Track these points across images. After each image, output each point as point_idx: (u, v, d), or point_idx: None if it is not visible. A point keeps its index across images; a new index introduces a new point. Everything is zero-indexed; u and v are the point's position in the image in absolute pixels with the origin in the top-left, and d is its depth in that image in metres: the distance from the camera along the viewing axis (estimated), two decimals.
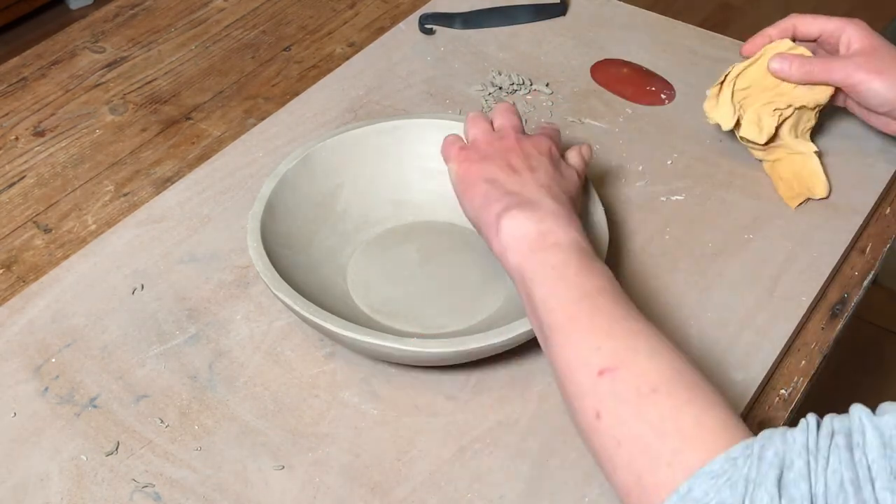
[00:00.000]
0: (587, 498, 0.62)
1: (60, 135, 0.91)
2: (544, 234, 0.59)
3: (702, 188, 0.83)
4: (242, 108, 0.94)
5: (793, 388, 0.70)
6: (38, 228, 0.82)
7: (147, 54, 1.00)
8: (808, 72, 0.78)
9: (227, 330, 0.72)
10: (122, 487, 0.62)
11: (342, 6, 1.08)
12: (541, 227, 0.59)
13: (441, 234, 0.78)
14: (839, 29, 0.79)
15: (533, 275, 0.58)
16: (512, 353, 0.69)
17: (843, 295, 0.77)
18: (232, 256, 0.77)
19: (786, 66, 0.78)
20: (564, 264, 0.57)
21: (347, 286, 0.74)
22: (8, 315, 0.73)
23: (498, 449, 0.64)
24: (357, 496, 0.62)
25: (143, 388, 0.68)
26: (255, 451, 0.64)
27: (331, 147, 0.77)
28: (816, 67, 0.78)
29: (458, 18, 1.02)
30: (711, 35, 1.02)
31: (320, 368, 0.69)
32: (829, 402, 0.64)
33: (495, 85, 0.94)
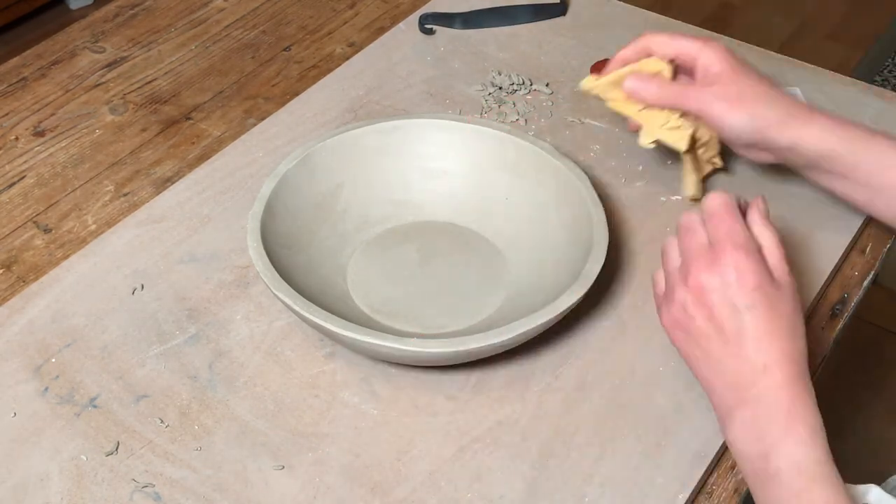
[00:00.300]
0: (587, 498, 0.62)
1: (60, 135, 0.91)
2: (766, 456, 0.55)
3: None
4: (242, 108, 0.94)
5: None
6: (38, 228, 0.82)
7: (147, 54, 1.00)
8: (663, 97, 0.73)
9: (227, 330, 0.72)
10: (122, 487, 0.62)
11: (342, 6, 1.08)
12: (760, 445, 0.56)
13: (441, 234, 0.78)
14: (696, 51, 0.72)
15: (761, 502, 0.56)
16: (512, 353, 0.69)
17: (843, 295, 0.77)
18: (232, 256, 0.77)
19: (640, 87, 0.73)
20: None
21: (347, 286, 0.74)
22: (8, 315, 0.73)
23: (498, 449, 0.64)
24: (357, 496, 0.62)
25: (143, 388, 0.68)
26: (255, 451, 0.64)
27: (331, 147, 0.77)
28: (672, 93, 0.72)
29: (458, 18, 1.02)
30: (711, 35, 1.02)
31: (320, 368, 0.69)
32: (829, 402, 0.64)
33: (495, 85, 0.94)
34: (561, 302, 0.65)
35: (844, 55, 2.45)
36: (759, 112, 0.70)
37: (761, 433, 0.56)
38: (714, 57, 0.72)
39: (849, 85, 0.95)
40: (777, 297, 0.58)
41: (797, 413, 0.56)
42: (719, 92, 0.71)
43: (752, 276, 0.58)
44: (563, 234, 0.73)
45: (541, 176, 0.76)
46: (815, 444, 0.56)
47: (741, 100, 0.70)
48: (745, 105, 0.70)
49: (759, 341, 0.58)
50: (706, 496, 0.64)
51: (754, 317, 0.58)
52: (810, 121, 0.70)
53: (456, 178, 0.80)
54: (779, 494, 0.55)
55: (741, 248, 0.59)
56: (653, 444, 0.65)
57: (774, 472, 0.55)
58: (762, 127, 0.71)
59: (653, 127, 0.74)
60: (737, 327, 0.58)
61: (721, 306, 0.58)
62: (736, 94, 0.71)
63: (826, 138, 0.70)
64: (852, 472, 0.71)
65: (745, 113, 0.70)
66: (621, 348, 0.71)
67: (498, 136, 0.78)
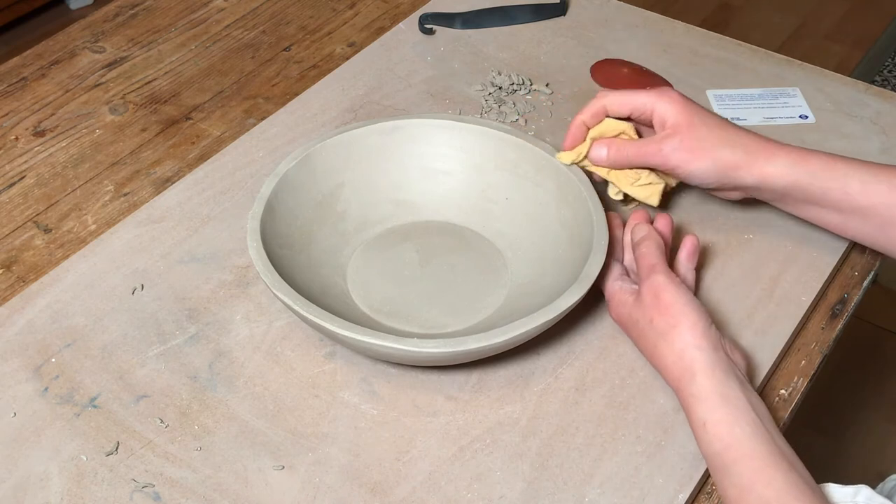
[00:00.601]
0: (587, 498, 0.62)
1: (60, 135, 0.91)
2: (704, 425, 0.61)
3: (702, 188, 0.83)
4: (242, 108, 0.94)
5: (793, 388, 0.70)
6: (38, 228, 0.82)
7: (147, 54, 1.00)
8: (626, 157, 0.74)
9: (227, 330, 0.72)
10: (122, 487, 0.62)
11: (342, 6, 1.08)
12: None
13: (441, 234, 0.78)
14: (650, 104, 0.73)
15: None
16: (512, 353, 0.69)
17: (843, 295, 0.77)
18: (232, 256, 0.77)
19: (602, 153, 0.74)
20: None
21: (347, 286, 0.74)
22: (8, 315, 0.73)
23: (498, 449, 0.64)
24: (357, 496, 0.62)
25: (143, 388, 0.68)
26: (255, 451, 0.64)
27: (331, 147, 0.77)
28: (632, 152, 0.73)
29: (458, 18, 1.02)
30: (711, 35, 1.02)
31: (320, 368, 0.69)
32: (829, 402, 0.64)
33: (495, 85, 0.94)
34: (561, 302, 0.65)
35: (844, 55, 2.45)
36: (720, 157, 0.71)
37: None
38: (668, 109, 0.72)
39: (849, 85, 0.95)
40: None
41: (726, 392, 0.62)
42: (678, 143, 0.72)
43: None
44: (563, 234, 0.73)
45: (541, 176, 0.76)
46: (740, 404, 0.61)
47: (701, 148, 0.71)
48: (706, 152, 0.71)
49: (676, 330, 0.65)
50: (706, 496, 0.64)
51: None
52: (772, 157, 0.71)
53: (456, 178, 0.80)
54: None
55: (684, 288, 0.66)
56: (653, 444, 0.65)
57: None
58: (726, 171, 0.72)
59: (623, 184, 0.76)
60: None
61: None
62: (695, 142, 0.71)
63: (790, 172, 0.71)
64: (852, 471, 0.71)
65: (706, 161, 0.71)
66: (621, 348, 0.71)
67: (498, 136, 0.78)
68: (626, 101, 0.74)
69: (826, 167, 0.71)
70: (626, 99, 0.74)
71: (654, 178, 0.75)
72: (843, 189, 0.70)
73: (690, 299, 0.65)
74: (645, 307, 0.66)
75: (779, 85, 0.95)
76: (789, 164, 0.71)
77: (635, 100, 0.73)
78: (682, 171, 0.72)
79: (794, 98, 0.93)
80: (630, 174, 0.75)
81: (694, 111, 0.72)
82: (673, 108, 0.72)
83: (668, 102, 0.72)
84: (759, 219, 0.80)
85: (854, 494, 0.64)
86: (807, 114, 0.91)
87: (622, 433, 0.65)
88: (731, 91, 0.94)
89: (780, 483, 0.56)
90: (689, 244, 0.72)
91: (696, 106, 0.73)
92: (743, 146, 0.71)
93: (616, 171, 0.75)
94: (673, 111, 0.72)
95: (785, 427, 0.68)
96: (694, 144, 0.71)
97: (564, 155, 0.76)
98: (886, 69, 2.40)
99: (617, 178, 0.76)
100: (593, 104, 0.75)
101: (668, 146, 0.72)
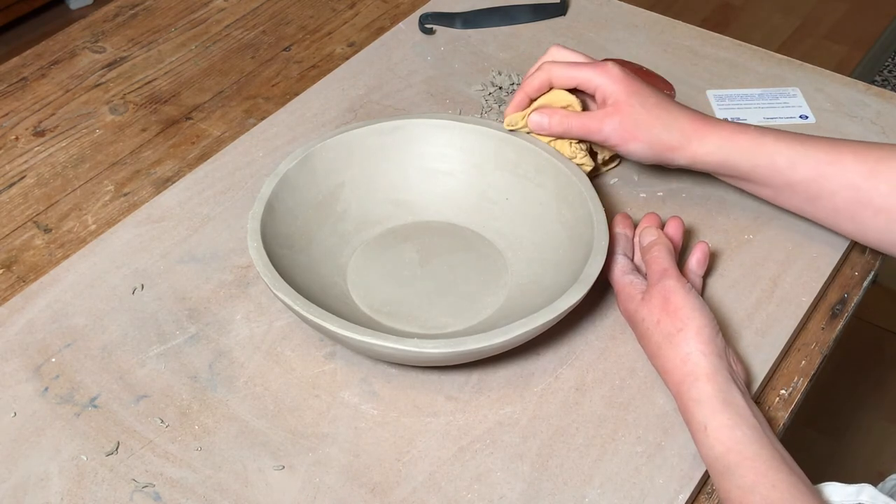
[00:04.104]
0: (587, 498, 0.62)
1: (60, 135, 0.91)
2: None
3: (702, 188, 0.83)
4: (242, 108, 0.94)
5: (793, 388, 0.70)
6: (38, 228, 0.82)
7: (147, 54, 1.00)
8: (567, 129, 0.75)
9: (227, 330, 0.72)
10: (122, 487, 0.62)
11: (342, 6, 1.08)
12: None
13: (441, 234, 0.78)
14: (593, 80, 0.74)
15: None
16: (512, 353, 0.69)
17: (843, 295, 0.77)
18: (232, 256, 0.77)
19: (544, 121, 0.75)
20: None
21: (347, 286, 0.74)
22: (8, 315, 0.73)
23: (498, 449, 0.64)
24: (357, 496, 0.62)
25: (143, 388, 0.68)
26: (255, 451, 0.64)
27: (331, 147, 0.77)
28: (574, 124, 0.75)
29: (458, 18, 1.02)
30: (711, 35, 1.02)
31: (320, 368, 0.69)
32: (829, 402, 0.64)
33: (495, 85, 0.94)
34: (561, 302, 0.65)
35: (844, 55, 2.45)
36: (656, 139, 0.74)
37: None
38: (610, 86, 0.74)
39: (849, 85, 0.95)
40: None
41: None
42: (616, 122, 0.74)
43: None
44: (563, 234, 0.73)
45: (541, 176, 0.76)
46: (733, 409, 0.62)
47: (637, 128, 0.73)
48: (641, 133, 0.73)
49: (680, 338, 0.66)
50: (706, 496, 0.64)
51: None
52: (704, 138, 0.74)
53: (456, 178, 0.80)
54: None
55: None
56: (653, 444, 0.65)
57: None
58: (661, 152, 0.74)
59: (562, 152, 0.77)
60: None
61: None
62: (632, 123, 0.73)
63: (718, 152, 0.74)
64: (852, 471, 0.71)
65: (643, 142, 0.74)
66: (621, 348, 0.71)
67: (498, 136, 0.78)
68: (571, 74, 0.76)
69: (755, 145, 0.73)
70: (571, 73, 0.76)
71: (588, 160, 0.77)
72: (771, 166, 0.73)
73: (700, 305, 0.65)
74: (653, 308, 0.66)
75: (779, 85, 0.95)
76: (719, 145, 0.73)
77: (579, 74, 0.75)
78: (621, 149, 0.75)
79: (794, 98, 0.93)
80: (568, 149, 0.77)
81: (634, 90, 0.74)
82: (614, 86, 0.74)
83: (610, 80, 0.74)
84: (760, 219, 0.80)
85: (857, 493, 0.64)
86: (807, 114, 0.91)
87: (622, 434, 0.65)
88: (731, 91, 0.94)
89: (784, 485, 0.57)
90: (700, 251, 0.73)
91: (637, 84, 0.75)
92: (679, 129, 0.74)
93: (558, 143, 0.77)
94: (614, 90, 0.74)
95: (785, 427, 0.69)
96: (631, 125, 0.73)
97: (507, 121, 0.78)
98: (886, 69, 2.40)
99: (558, 148, 0.77)
100: (538, 76, 0.77)
101: (608, 126, 0.74)
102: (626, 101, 0.74)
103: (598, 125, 0.74)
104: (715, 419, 0.60)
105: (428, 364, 0.68)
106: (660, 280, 0.67)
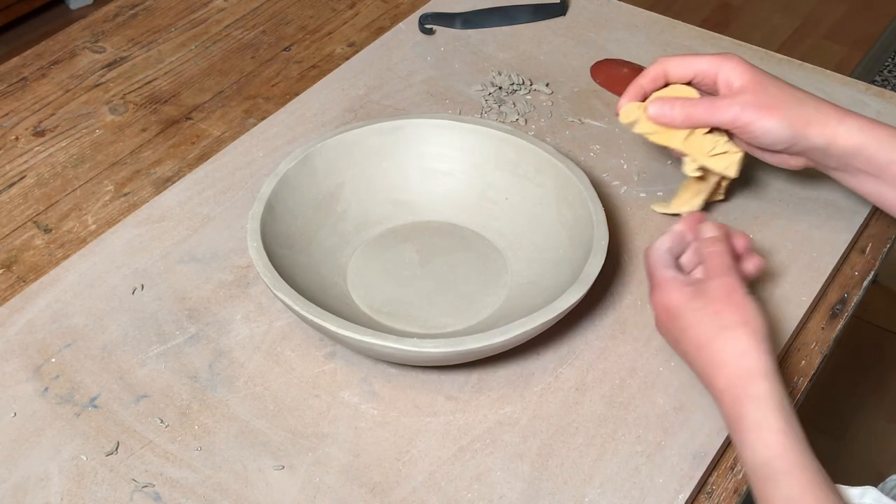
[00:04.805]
0: (587, 498, 0.62)
1: (60, 135, 0.91)
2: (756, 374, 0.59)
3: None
4: (242, 108, 0.94)
5: (793, 388, 0.70)
6: (38, 228, 0.82)
7: (147, 54, 1.00)
8: (691, 114, 0.71)
9: (227, 330, 0.72)
10: (122, 487, 0.62)
11: (342, 6, 1.08)
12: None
13: (441, 234, 0.78)
14: (714, 67, 0.71)
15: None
16: (512, 353, 0.69)
17: (843, 295, 0.77)
18: (232, 256, 0.77)
19: (666, 109, 0.72)
20: None
21: (347, 286, 0.74)
22: (8, 315, 0.73)
23: (498, 449, 0.64)
24: (357, 496, 0.62)
25: (143, 388, 0.68)
26: (255, 451, 0.64)
27: (331, 147, 0.77)
28: (700, 109, 0.71)
29: (458, 18, 1.02)
30: (711, 35, 1.02)
31: (320, 368, 0.69)
32: (829, 402, 0.64)
33: (495, 85, 0.94)
34: (561, 302, 0.65)
35: (844, 55, 2.45)
36: (792, 114, 0.70)
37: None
38: (734, 70, 0.71)
39: (849, 85, 0.95)
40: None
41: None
42: (750, 100, 0.70)
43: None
44: (563, 234, 0.73)
45: (541, 176, 0.76)
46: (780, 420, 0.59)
47: (772, 105, 0.70)
48: (778, 109, 0.70)
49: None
50: (706, 496, 0.64)
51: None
52: (843, 119, 0.70)
53: (456, 178, 0.80)
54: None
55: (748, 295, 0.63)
56: (653, 443, 0.65)
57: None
58: (798, 127, 0.70)
59: (699, 155, 0.73)
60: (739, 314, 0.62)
61: (733, 305, 0.62)
62: (765, 100, 0.70)
63: (858, 135, 0.69)
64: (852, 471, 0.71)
65: (779, 116, 0.70)
66: (621, 348, 0.71)
67: (498, 136, 0.78)
68: (689, 64, 0.72)
69: (895, 138, 0.69)
70: (688, 62, 0.72)
71: (732, 146, 0.72)
72: None
73: (760, 310, 0.62)
74: (712, 299, 0.62)
75: None
76: (859, 128, 0.69)
77: (698, 63, 0.72)
78: (756, 126, 0.70)
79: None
80: (707, 142, 0.72)
81: (760, 72, 0.71)
82: (738, 70, 0.71)
83: (733, 64, 0.71)
84: (760, 219, 0.80)
85: (861, 496, 0.64)
86: None
87: (622, 433, 0.65)
88: None
89: (830, 502, 0.55)
90: (759, 260, 0.69)
91: (760, 69, 0.72)
92: (814, 105, 0.70)
93: (692, 140, 0.72)
94: (739, 73, 0.71)
95: None
96: (765, 101, 0.70)
97: (623, 113, 0.74)
98: (886, 69, 2.40)
99: (693, 148, 0.72)
100: (653, 69, 0.74)
101: (739, 102, 0.70)
102: (753, 78, 0.70)
103: (729, 102, 0.70)
104: (770, 419, 0.57)
105: (428, 364, 0.68)
106: (725, 274, 0.63)
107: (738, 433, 0.59)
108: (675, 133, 0.72)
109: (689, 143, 0.72)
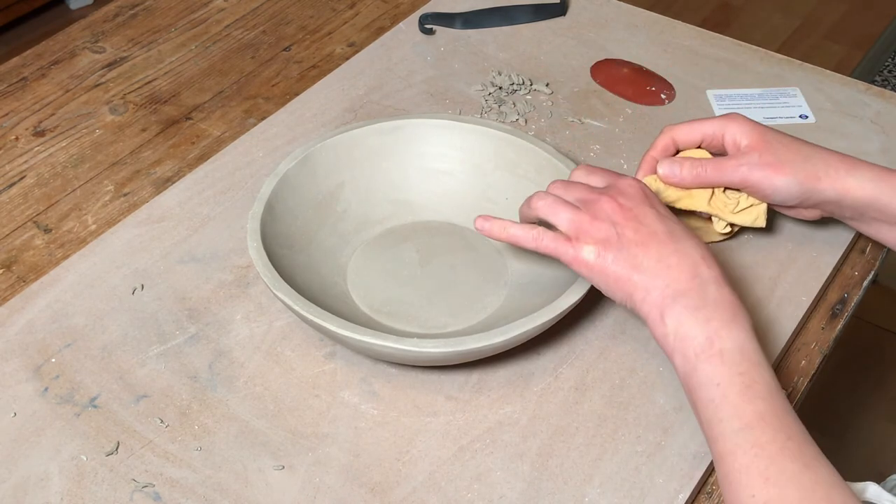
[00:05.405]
0: (587, 498, 0.62)
1: (60, 135, 0.91)
2: (710, 339, 0.58)
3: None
4: (242, 108, 0.94)
5: (793, 388, 0.70)
6: (38, 228, 0.82)
7: (147, 54, 1.00)
8: (699, 174, 0.71)
9: (227, 330, 0.72)
10: (122, 487, 0.62)
11: (342, 6, 1.08)
12: (706, 328, 0.59)
13: (441, 234, 0.78)
14: (720, 129, 0.72)
15: (698, 389, 0.58)
16: (512, 353, 0.69)
17: (843, 295, 0.77)
18: (232, 256, 0.77)
19: (676, 169, 0.72)
20: (728, 382, 0.57)
21: (347, 286, 0.74)
22: (8, 315, 0.73)
23: (498, 449, 0.64)
24: (357, 496, 0.62)
25: (143, 388, 0.68)
26: (255, 451, 0.64)
27: (331, 147, 0.77)
28: (709, 169, 0.71)
29: (458, 18, 1.02)
30: (711, 35, 1.02)
31: (320, 368, 0.69)
32: (829, 402, 0.64)
33: (495, 85, 0.94)
34: (561, 302, 0.65)
35: (844, 55, 2.45)
36: (800, 169, 0.70)
37: (708, 317, 0.59)
38: (739, 129, 0.71)
39: (849, 85, 0.95)
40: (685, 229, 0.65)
41: (739, 309, 0.60)
42: (756, 160, 0.70)
43: (654, 196, 0.66)
44: None
45: (541, 176, 0.76)
46: (755, 338, 0.59)
47: (780, 163, 0.70)
48: (786, 166, 0.70)
49: (689, 238, 0.63)
50: (706, 496, 0.64)
51: (676, 221, 0.64)
52: (853, 170, 0.70)
53: (456, 178, 0.80)
54: (720, 372, 0.57)
55: (637, 182, 0.66)
56: (653, 444, 0.65)
57: (717, 352, 0.58)
58: (807, 183, 0.70)
59: (724, 213, 0.73)
60: (667, 229, 0.63)
61: (646, 214, 0.63)
62: (772, 159, 0.70)
63: (871, 186, 0.70)
64: (852, 471, 0.71)
65: (787, 174, 0.70)
66: (621, 348, 0.71)
67: (498, 136, 0.78)
68: (695, 129, 0.73)
69: None
70: (694, 127, 0.73)
71: (753, 199, 0.73)
72: None
73: None
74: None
75: (779, 85, 0.95)
76: (871, 179, 0.70)
77: (703, 127, 0.72)
78: (765, 185, 0.70)
79: (794, 98, 0.93)
80: (730, 201, 0.73)
81: (766, 130, 0.71)
82: (744, 129, 0.71)
83: (739, 124, 0.71)
84: None
85: (861, 492, 0.64)
86: (807, 114, 0.91)
87: (622, 433, 0.65)
88: (731, 91, 0.94)
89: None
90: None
91: (766, 127, 0.72)
92: (823, 160, 0.70)
93: (715, 201, 0.73)
94: (744, 130, 0.71)
95: None
96: (773, 160, 0.70)
97: (652, 182, 0.74)
98: (886, 69, 2.40)
99: (717, 208, 0.73)
100: (661, 139, 0.74)
101: (747, 162, 0.70)
102: (761, 138, 0.70)
103: (737, 162, 0.70)
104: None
105: (428, 364, 0.68)
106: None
107: (664, 340, 0.61)
108: (699, 197, 0.73)
109: (714, 204, 0.73)
